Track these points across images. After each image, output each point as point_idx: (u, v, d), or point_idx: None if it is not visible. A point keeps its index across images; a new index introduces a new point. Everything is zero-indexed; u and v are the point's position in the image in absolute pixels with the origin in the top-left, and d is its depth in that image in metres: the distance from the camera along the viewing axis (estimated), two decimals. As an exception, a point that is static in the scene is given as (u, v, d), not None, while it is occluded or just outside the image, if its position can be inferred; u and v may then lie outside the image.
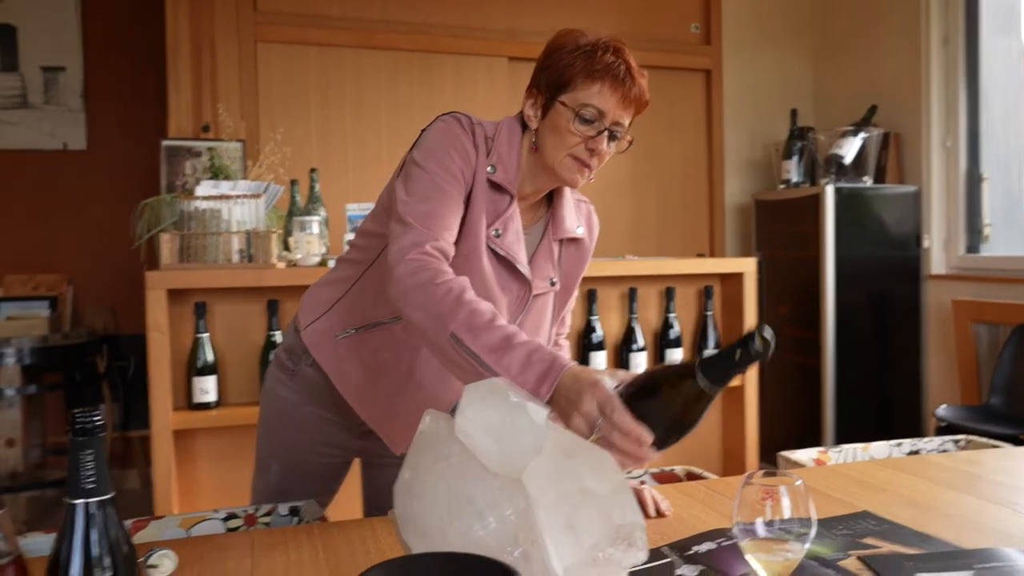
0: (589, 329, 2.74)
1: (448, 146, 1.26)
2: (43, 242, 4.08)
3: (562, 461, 0.77)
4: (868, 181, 3.77)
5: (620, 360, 2.80)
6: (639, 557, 0.80)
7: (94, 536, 0.71)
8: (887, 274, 3.75)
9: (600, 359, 2.74)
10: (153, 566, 1.04)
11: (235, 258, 2.40)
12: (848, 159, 3.74)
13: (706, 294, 2.89)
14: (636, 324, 2.79)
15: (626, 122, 1.30)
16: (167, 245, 2.35)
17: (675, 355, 2.83)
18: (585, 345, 2.74)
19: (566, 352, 1.54)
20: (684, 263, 2.87)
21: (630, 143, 1.33)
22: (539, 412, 0.74)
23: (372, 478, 1.50)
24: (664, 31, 4.20)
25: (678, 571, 1.05)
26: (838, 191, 3.65)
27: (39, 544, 1.14)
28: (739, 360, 0.89)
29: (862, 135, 3.74)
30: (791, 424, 3.92)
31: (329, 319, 1.40)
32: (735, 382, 2.84)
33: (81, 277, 4.11)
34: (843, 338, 3.67)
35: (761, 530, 0.77)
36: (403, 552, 0.92)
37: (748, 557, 0.77)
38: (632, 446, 0.91)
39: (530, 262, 1.37)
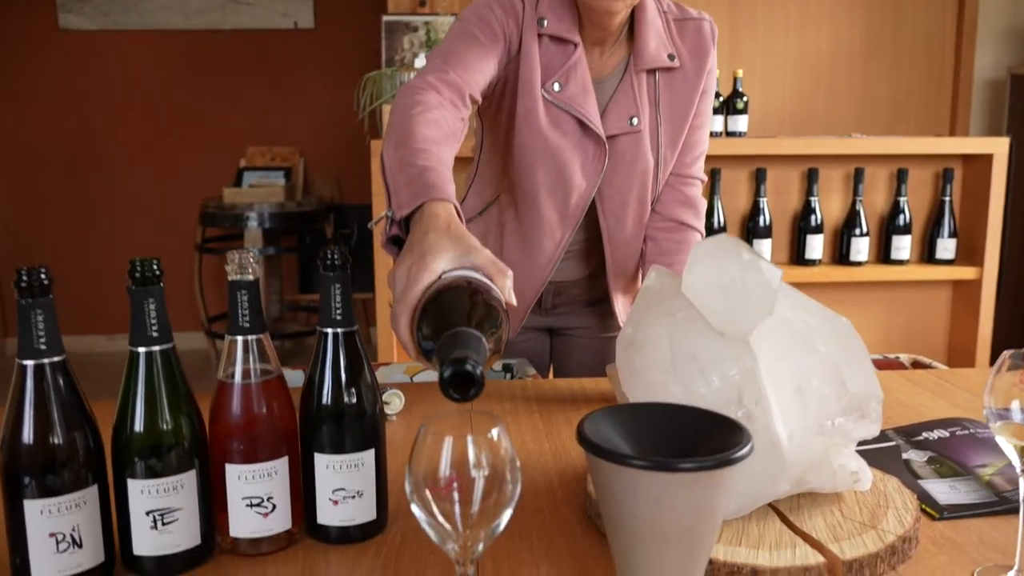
0: (807, 210, 2.58)
1: (491, 1, 1.23)
2: (278, 116, 4.40)
3: (795, 324, 0.74)
4: None
5: (841, 246, 2.63)
6: (870, 431, 0.76)
7: (342, 361, 0.78)
8: None
9: (817, 243, 2.59)
10: (385, 403, 1.14)
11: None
12: None
13: (944, 178, 2.61)
14: (860, 207, 2.59)
15: None
16: (389, 116, 2.46)
17: (903, 243, 2.61)
18: (801, 228, 2.60)
19: (692, 205, 1.39)
20: (921, 142, 2.59)
21: None
22: (774, 272, 0.71)
23: (558, 346, 1.53)
24: None
25: (904, 455, 0.99)
26: (1123, 61, 3.11)
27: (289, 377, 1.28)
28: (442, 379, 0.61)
29: None
30: (1031, 327, 3.55)
31: (464, 206, 1.42)
32: (954, 275, 2.60)
33: (310, 149, 4.42)
34: (1108, 234, 3.22)
35: (1017, 415, 0.71)
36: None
37: (1000, 440, 0.71)
38: (398, 331, 0.76)
39: (608, 104, 1.27)
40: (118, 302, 4.19)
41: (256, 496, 0.76)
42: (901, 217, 2.60)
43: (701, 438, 0.66)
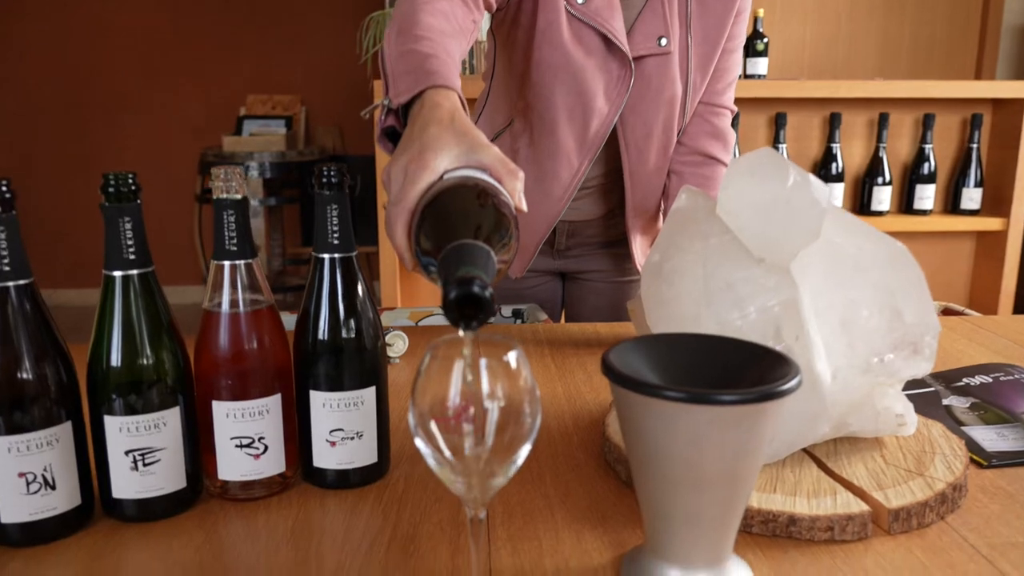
0: (828, 158, 2.48)
1: None
2: (279, 63, 4.28)
3: (844, 248, 0.66)
4: None
5: (862, 195, 2.54)
6: (922, 368, 0.69)
7: (340, 289, 0.71)
8: None
9: (837, 192, 2.50)
10: (389, 344, 1.07)
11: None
12: None
13: (973, 123, 2.50)
14: (884, 155, 2.49)
15: None
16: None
17: (927, 192, 2.52)
18: (822, 176, 2.50)
19: (720, 139, 1.29)
20: (949, 86, 2.48)
21: None
22: (822, 189, 0.63)
23: (571, 291, 1.46)
24: None
25: (945, 401, 0.93)
26: None
27: (287, 321, 1.21)
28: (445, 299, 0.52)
29: None
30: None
31: None
32: (979, 226, 2.50)
33: (312, 98, 4.30)
34: None
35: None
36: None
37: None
38: (393, 237, 0.66)
39: (635, 22, 1.17)
40: (119, 253, 4.12)
41: (246, 436, 0.70)
42: (926, 165, 2.51)
43: (740, 372, 0.59)
